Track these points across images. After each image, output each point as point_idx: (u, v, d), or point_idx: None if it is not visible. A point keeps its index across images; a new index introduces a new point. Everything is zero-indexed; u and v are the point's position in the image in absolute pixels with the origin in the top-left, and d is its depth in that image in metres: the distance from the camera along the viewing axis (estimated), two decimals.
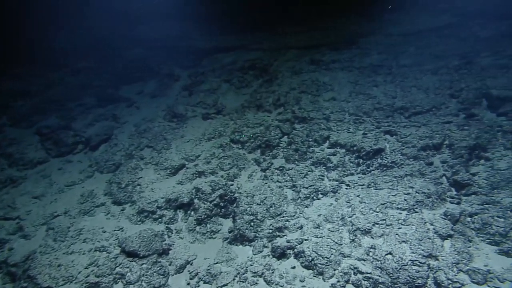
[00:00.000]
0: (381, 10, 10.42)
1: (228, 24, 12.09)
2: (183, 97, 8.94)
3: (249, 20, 11.89)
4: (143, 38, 12.00)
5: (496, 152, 5.26)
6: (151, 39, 11.82)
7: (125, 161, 6.69)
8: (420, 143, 5.64)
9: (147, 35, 12.15)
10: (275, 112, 7.30)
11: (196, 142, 6.80)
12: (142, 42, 11.86)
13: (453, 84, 6.70)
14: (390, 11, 10.07)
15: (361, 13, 10.83)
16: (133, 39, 12.15)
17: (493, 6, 8.54)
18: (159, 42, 11.53)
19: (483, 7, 8.68)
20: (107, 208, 5.77)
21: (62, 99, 9.03)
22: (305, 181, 5.57)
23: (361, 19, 10.49)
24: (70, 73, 10.57)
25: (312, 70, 8.25)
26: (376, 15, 10.29)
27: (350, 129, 6.30)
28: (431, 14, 9.24)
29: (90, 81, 10.19)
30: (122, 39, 12.34)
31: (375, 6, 10.62)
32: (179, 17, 12.94)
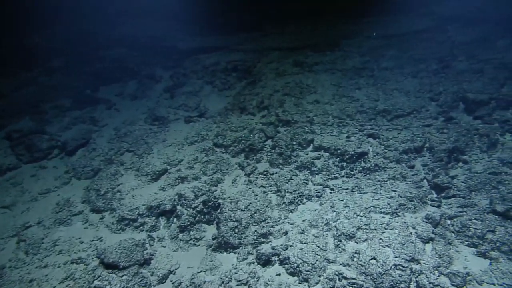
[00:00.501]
0: (362, 11, 10.57)
1: (209, 24, 11.90)
2: (165, 99, 8.73)
3: (230, 21, 11.77)
4: (122, 37, 11.62)
5: (473, 155, 5.41)
6: (131, 38, 11.47)
7: (104, 166, 6.43)
8: (402, 146, 5.73)
9: (126, 34, 11.78)
10: (258, 115, 7.24)
11: (178, 146, 6.63)
12: (121, 41, 11.49)
13: (432, 88, 6.86)
14: (371, 15, 10.22)
15: (343, 14, 10.96)
16: (112, 38, 11.75)
17: (467, 12, 8.82)
18: (139, 42, 11.21)
19: (458, 12, 8.95)
20: (85, 216, 5.52)
21: (35, 100, 8.59)
22: (289, 185, 5.53)
23: (343, 21, 10.60)
24: (44, 72, 10.08)
25: (296, 72, 8.24)
26: (357, 17, 10.43)
27: (333, 132, 6.32)
28: (410, 18, 9.44)
29: (66, 82, 9.76)
30: (100, 37, 11.91)
31: (357, 7, 10.76)
32: (159, 16, 12.64)
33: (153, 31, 11.73)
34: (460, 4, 9.26)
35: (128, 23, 12.50)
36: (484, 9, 8.78)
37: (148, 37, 11.38)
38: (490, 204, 4.56)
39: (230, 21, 11.80)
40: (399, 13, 9.81)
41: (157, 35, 11.49)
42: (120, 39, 11.63)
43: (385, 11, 10.14)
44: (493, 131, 5.66)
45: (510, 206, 4.34)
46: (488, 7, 8.80)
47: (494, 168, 5.06)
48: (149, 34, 11.51)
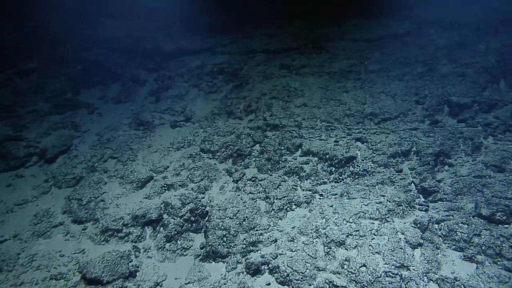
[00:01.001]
0: (346, 14, 10.63)
1: (193, 24, 11.70)
2: (149, 102, 8.50)
3: (215, 21, 11.60)
4: (104, 38, 11.28)
5: (459, 158, 5.50)
6: (113, 39, 11.14)
7: (87, 174, 6.18)
8: (389, 150, 5.76)
9: (108, 34, 11.44)
10: (246, 119, 7.14)
11: (164, 152, 6.45)
12: (103, 42, 11.13)
13: (418, 91, 6.94)
14: (355, 17, 10.29)
15: (326, 16, 10.99)
16: (93, 38, 11.38)
17: (447, 16, 8.99)
18: (121, 43, 10.89)
19: (439, 16, 9.11)
20: (66, 228, 5.28)
21: (10, 104, 8.20)
22: (278, 192, 5.47)
23: (327, 23, 10.62)
24: (19, 74, 9.64)
25: (283, 75, 8.18)
26: (341, 20, 10.47)
27: (322, 136, 6.29)
28: (393, 21, 9.55)
29: (44, 85, 9.38)
30: (80, 38, 11.53)
31: (341, 10, 10.82)
32: (141, 17, 12.33)
33: (136, 31, 11.44)
34: (441, 8, 9.44)
35: (109, 23, 12.15)
36: (464, 13, 8.97)
37: (130, 38, 11.08)
38: (476, 207, 4.63)
39: (214, 22, 11.64)
40: (382, 16, 9.91)
41: (139, 35, 11.21)
42: (101, 40, 11.27)
43: (368, 14, 10.24)
44: (477, 134, 5.77)
45: (494, 210, 4.41)
46: (467, 12, 9.01)
47: (478, 172, 5.15)
48: (131, 35, 11.22)
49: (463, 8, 9.24)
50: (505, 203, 4.44)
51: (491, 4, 8.93)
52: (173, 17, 12.23)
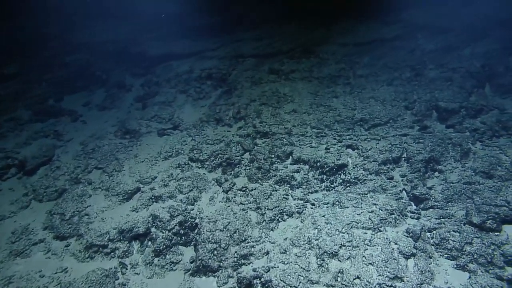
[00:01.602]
0: (334, 17, 10.64)
1: (180, 28, 11.52)
2: (136, 109, 8.28)
3: (203, 24, 11.44)
4: (89, 42, 10.97)
5: (448, 165, 5.51)
6: (98, 42, 10.86)
7: (70, 186, 5.93)
8: (380, 157, 5.73)
9: (93, 38, 11.15)
10: (235, 126, 7.02)
11: (151, 162, 6.26)
12: (88, 45, 10.83)
13: (407, 96, 6.97)
14: (343, 21, 10.30)
15: (315, 20, 10.98)
16: (77, 42, 11.05)
17: (433, 21, 9.10)
18: (107, 47, 10.62)
19: (425, 20, 9.22)
20: (47, 245, 5.03)
21: None
22: (269, 202, 5.36)
23: (315, 27, 10.61)
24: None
25: (272, 80, 8.10)
26: (330, 23, 10.48)
27: (312, 143, 6.22)
28: (381, 24, 9.60)
29: (23, 91, 9.03)
30: (64, 41, 11.17)
31: (329, 13, 10.83)
32: (128, 19, 12.08)
33: (122, 35, 11.19)
34: (427, 13, 9.55)
35: (94, 26, 11.85)
36: (448, 18, 9.10)
37: (116, 41, 10.82)
38: (466, 215, 4.63)
39: (202, 25, 11.48)
40: (370, 20, 9.97)
41: (126, 39, 10.96)
42: (86, 43, 10.96)
43: (356, 17, 10.30)
44: (465, 140, 5.81)
45: (485, 218, 4.42)
46: (452, 17, 9.13)
47: (468, 178, 5.17)
48: (117, 38, 10.96)
49: (448, 13, 9.37)
50: (495, 210, 4.46)
51: (475, 10, 9.08)
52: (160, 20, 12.02)
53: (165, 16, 11.89)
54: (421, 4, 10.01)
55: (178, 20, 11.76)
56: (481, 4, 9.17)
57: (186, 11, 12.00)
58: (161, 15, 12.00)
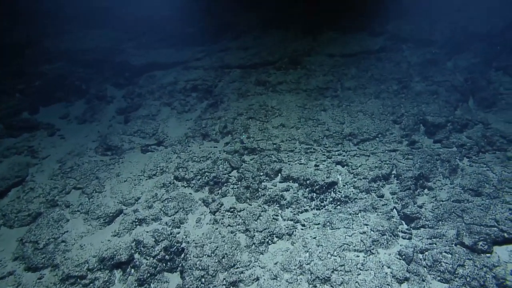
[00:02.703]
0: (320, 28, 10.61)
1: (164, 35, 11.22)
2: (118, 122, 7.94)
3: (186, 32, 11.18)
4: (67, 49, 10.46)
5: (437, 181, 5.51)
6: (77, 51, 10.37)
7: (45, 210, 5.56)
8: (370, 174, 5.67)
9: (71, 45, 10.64)
10: (222, 141, 6.81)
11: (134, 182, 5.96)
12: (66, 54, 10.32)
13: (395, 110, 6.97)
14: (330, 31, 10.29)
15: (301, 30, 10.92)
16: (55, 49, 10.52)
17: (417, 33, 9.19)
18: (87, 55, 10.17)
19: (410, 32, 9.31)
20: (17, 278, 4.64)
21: None
22: (258, 223, 5.18)
23: (302, 36, 10.55)
24: None
25: (259, 93, 7.95)
26: (316, 33, 10.43)
27: (301, 160, 6.10)
28: (367, 36, 9.64)
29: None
30: (40, 48, 10.63)
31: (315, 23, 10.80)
32: (109, 26, 11.64)
33: (103, 42, 10.76)
34: (411, 25, 9.66)
35: (73, 33, 11.33)
36: (430, 30, 9.22)
37: (96, 49, 10.38)
38: (458, 235, 4.60)
39: (187, 33, 11.21)
40: (356, 30, 9.99)
41: (107, 47, 10.54)
42: (64, 51, 10.45)
43: (342, 27, 10.30)
44: (453, 156, 5.83)
45: (476, 239, 4.40)
46: (433, 29, 9.27)
47: (457, 196, 5.17)
48: (98, 46, 10.51)
49: (431, 25, 9.51)
50: (486, 231, 4.45)
51: (456, 22, 9.25)
52: (143, 27, 11.66)
53: (148, 23, 11.56)
54: (405, 15, 10.13)
55: (161, 27, 11.45)
56: (458, 18, 9.35)
57: (170, 18, 11.71)
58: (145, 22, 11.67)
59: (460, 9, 9.58)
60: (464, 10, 9.53)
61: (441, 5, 10.06)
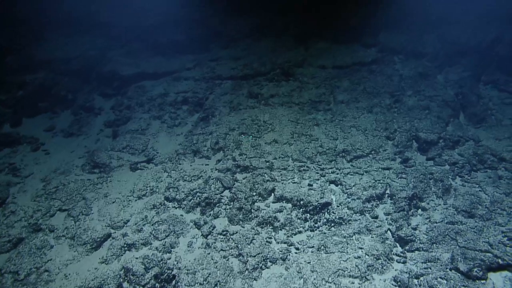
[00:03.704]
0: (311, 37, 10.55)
1: (153, 43, 10.95)
2: (106, 136, 7.70)
3: (176, 40, 10.93)
4: (52, 58, 10.08)
5: (431, 202, 5.50)
6: (62, 59, 10.00)
7: (28, 235, 5.30)
8: (364, 194, 5.62)
9: (56, 53, 10.26)
10: (213, 158, 6.67)
11: (123, 203, 5.76)
12: (51, 62, 9.94)
13: (387, 125, 6.95)
14: (321, 41, 10.24)
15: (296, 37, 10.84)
16: (38, 58, 10.10)
17: (408, 44, 9.23)
18: (73, 64, 9.83)
19: (401, 44, 9.33)
20: None
21: None
22: (252, 247, 5.06)
23: (293, 46, 10.47)
24: None
25: (251, 106, 7.82)
26: (307, 43, 10.36)
27: (295, 178, 6.01)
28: (359, 47, 9.61)
29: None
30: (22, 57, 10.22)
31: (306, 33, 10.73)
32: (96, 32, 11.29)
33: (90, 50, 10.41)
34: (402, 36, 9.69)
35: (58, 40, 10.93)
36: (420, 43, 9.26)
37: (83, 58, 10.04)
38: (452, 260, 4.58)
39: (177, 40, 10.97)
40: (348, 41, 9.95)
41: (94, 55, 10.22)
42: (48, 60, 10.06)
43: (334, 38, 10.25)
44: (446, 175, 5.84)
45: (471, 266, 4.39)
46: (425, 41, 9.32)
47: (450, 217, 5.17)
48: (84, 55, 10.17)
49: (421, 36, 9.56)
50: (480, 257, 4.44)
51: (445, 35, 9.31)
52: (131, 34, 11.36)
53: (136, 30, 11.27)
54: (396, 26, 10.17)
55: (149, 35, 11.18)
56: (448, 30, 9.42)
57: (158, 25, 11.45)
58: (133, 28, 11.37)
59: (449, 21, 9.66)
60: (454, 23, 9.61)
61: (431, 16, 10.14)
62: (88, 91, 9.39)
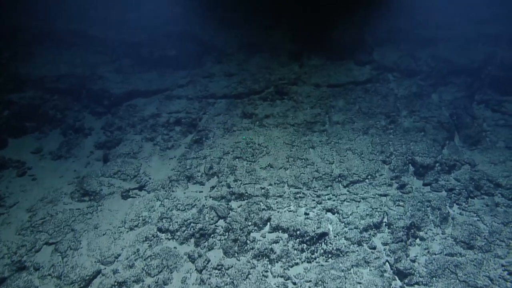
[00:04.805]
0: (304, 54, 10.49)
1: (145, 58, 10.75)
2: (96, 160, 7.46)
3: (169, 55, 10.75)
4: (39, 75, 9.72)
5: (429, 231, 5.43)
6: (50, 76, 9.66)
7: (10, 275, 5.02)
8: (361, 223, 5.52)
9: (44, 70, 9.91)
10: (208, 184, 6.51)
11: (114, 235, 5.54)
12: (38, 80, 9.60)
13: (384, 148, 6.89)
14: (315, 58, 10.20)
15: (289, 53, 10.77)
16: (24, 75, 9.66)
17: (401, 62, 9.24)
18: (61, 82, 9.54)
19: (395, 62, 9.32)
20: None
21: None
22: (247, 283, 4.90)
23: (289, 61, 10.41)
24: None
25: (246, 127, 7.70)
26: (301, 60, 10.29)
27: (291, 206, 5.89)
28: (353, 65, 9.58)
29: None
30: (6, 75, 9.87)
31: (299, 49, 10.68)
32: (86, 47, 11.02)
33: (79, 67, 10.11)
34: (396, 53, 9.71)
35: (45, 56, 10.57)
36: (414, 60, 9.29)
37: (72, 75, 9.73)
38: None
39: (168, 56, 10.79)
40: (342, 58, 9.91)
41: (83, 72, 9.92)
42: (35, 77, 9.70)
43: (328, 55, 10.21)
44: (443, 202, 5.79)
45: None
46: (419, 58, 9.34)
47: (449, 248, 5.10)
48: (73, 72, 9.86)
49: (414, 54, 9.58)
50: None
51: (438, 52, 9.35)
52: (122, 49, 11.13)
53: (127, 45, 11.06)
54: (389, 43, 10.21)
55: (141, 50, 10.98)
56: (437, 48, 9.47)
57: (150, 40, 11.28)
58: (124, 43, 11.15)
59: (441, 38, 9.71)
60: (445, 40, 9.67)
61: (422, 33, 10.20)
62: (78, 110, 9.14)
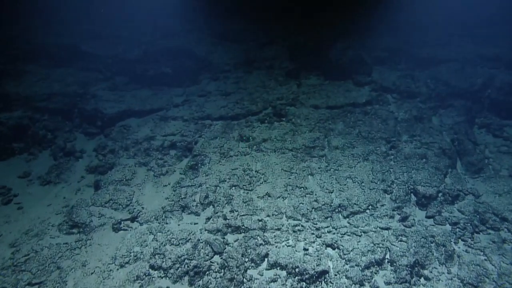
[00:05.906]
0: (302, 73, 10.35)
1: (139, 75, 10.53)
2: (87, 186, 7.17)
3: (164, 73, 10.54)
4: (29, 94, 9.32)
5: (434, 270, 5.21)
6: (40, 95, 9.30)
7: None
8: (363, 260, 5.28)
9: (33, 89, 9.55)
10: (203, 214, 6.24)
11: (103, 274, 5.23)
12: (27, 99, 9.20)
13: (384, 176, 6.69)
14: (312, 78, 10.07)
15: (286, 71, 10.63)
16: (13, 94, 9.28)
17: (400, 83, 9.12)
18: (52, 101, 9.20)
19: (394, 82, 9.22)
20: None
21: None
22: None
23: (286, 79, 10.25)
24: None
25: (243, 152, 7.46)
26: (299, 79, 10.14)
27: (289, 240, 5.65)
28: (352, 85, 9.44)
29: None
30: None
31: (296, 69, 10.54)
32: (78, 64, 10.74)
33: (70, 85, 9.79)
34: (394, 73, 9.62)
35: (34, 73, 10.23)
36: (413, 81, 9.18)
37: (63, 94, 9.41)
38: None
39: (163, 72, 10.57)
40: (341, 78, 9.77)
41: (75, 91, 9.60)
42: (24, 97, 9.30)
43: (326, 74, 10.07)
44: (447, 238, 5.58)
45: None
46: (417, 79, 9.25)
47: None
48: (65, 91, 9.52)
49: (413, 75, 9.48)
50: None
51: (437, 74, 9.25)
52: (116, 66, 10.89)
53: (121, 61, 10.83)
54: (388, 62, 10.13)
55: (135, 66, 10.75)
56: (436, 70, 9.38)
57: (144, 56, 11.07)
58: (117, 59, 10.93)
59: (440, 60, 9.65)
60: (444, 61, 9.61)
61: (421, 54, 10.14)
62: (69, 130, 8.87)
